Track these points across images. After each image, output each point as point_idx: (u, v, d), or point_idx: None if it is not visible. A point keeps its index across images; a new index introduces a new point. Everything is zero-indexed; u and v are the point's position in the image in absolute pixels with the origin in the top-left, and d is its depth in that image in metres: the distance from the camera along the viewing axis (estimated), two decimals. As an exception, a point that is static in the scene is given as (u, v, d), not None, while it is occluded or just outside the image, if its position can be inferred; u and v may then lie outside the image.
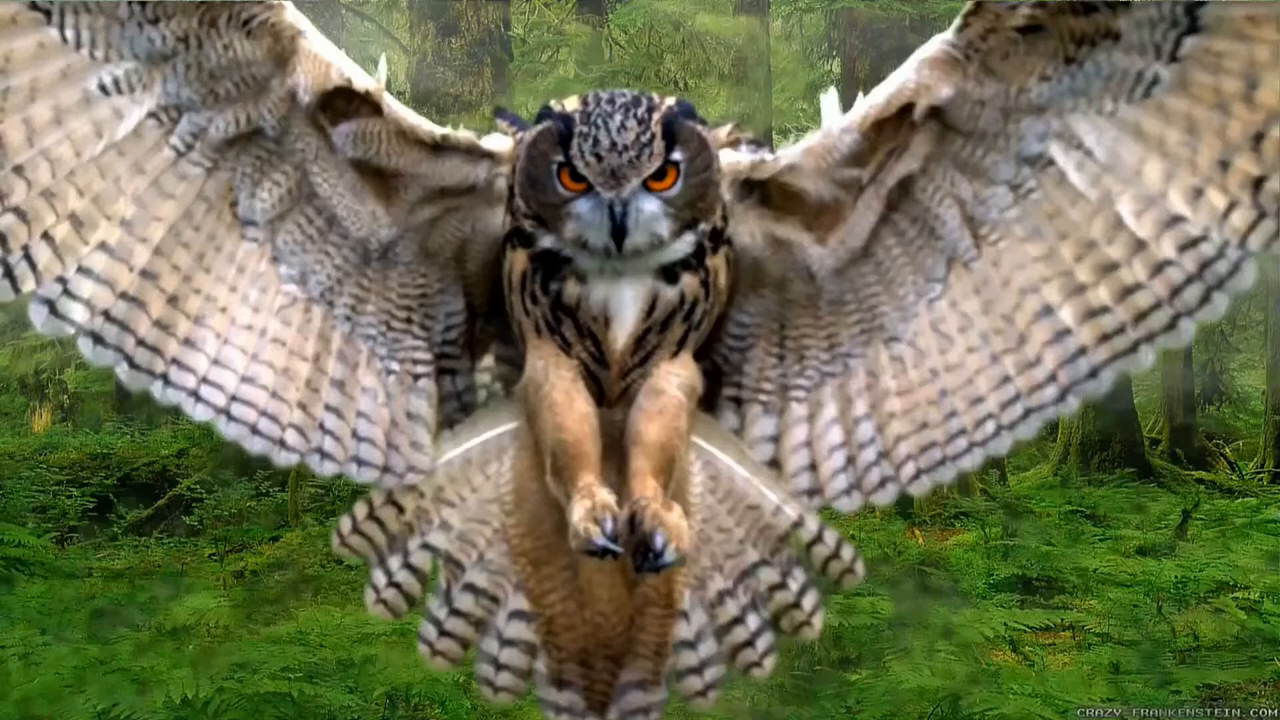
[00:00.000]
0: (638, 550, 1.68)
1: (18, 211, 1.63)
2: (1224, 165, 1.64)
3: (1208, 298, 1.68)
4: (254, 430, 1.78)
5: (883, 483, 1.83)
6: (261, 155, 1.77)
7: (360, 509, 1.87)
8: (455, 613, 1.86)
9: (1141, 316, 1.71)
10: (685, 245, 1.74)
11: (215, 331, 1.76)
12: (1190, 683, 5.61)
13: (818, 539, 1.86)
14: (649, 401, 1.79)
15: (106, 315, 1.70)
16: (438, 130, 1.79)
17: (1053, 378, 1.75)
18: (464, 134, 1.81)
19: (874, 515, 9.58)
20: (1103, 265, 1.71)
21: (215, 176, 1.75)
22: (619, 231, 1.68)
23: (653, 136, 1.66)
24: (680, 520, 1.70)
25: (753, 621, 1.87)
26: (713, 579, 1.87)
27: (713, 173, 1.74)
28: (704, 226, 1.75)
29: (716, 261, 1.79)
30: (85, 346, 1.69)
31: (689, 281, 1.76)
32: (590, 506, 1.69)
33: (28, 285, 1.65)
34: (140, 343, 1.72)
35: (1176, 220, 1.67)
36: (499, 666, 1.88)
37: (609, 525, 1.68)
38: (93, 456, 10.44)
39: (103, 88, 1.67)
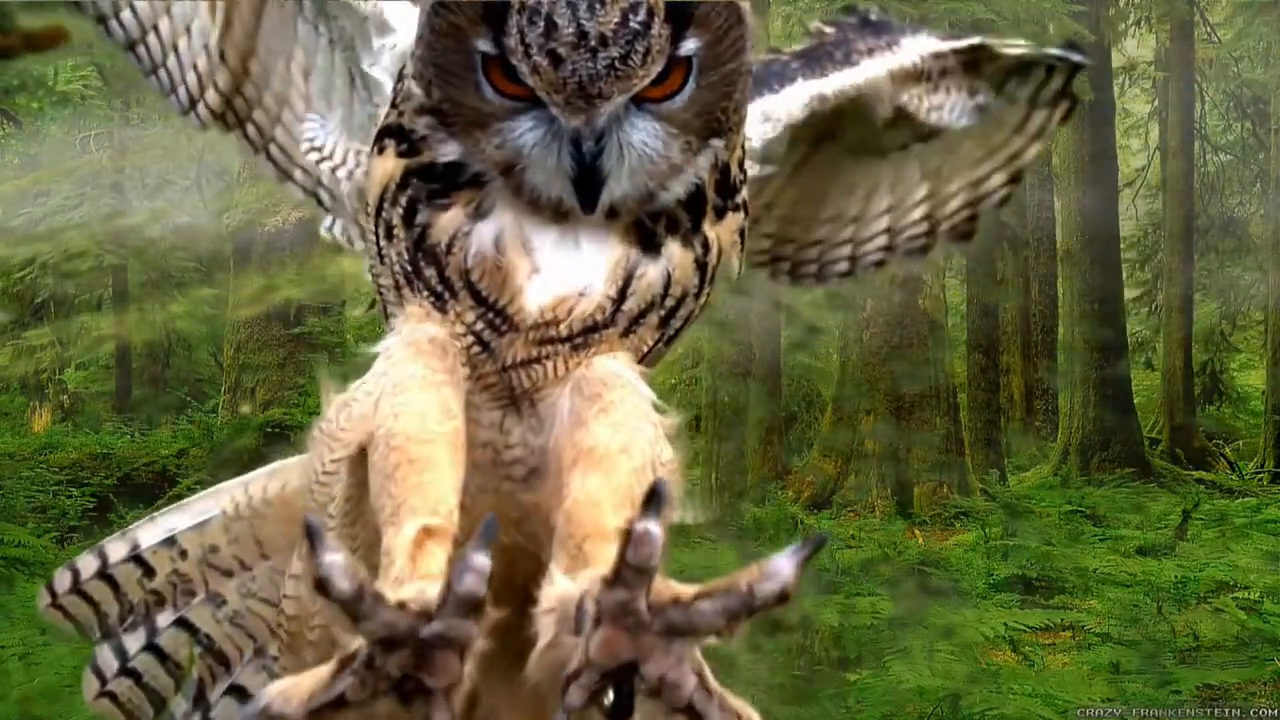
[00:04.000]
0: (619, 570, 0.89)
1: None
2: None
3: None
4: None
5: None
6: None
7: (87, 562, 1.29)
8: None
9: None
10: (692, 176, 1.11)
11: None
12: (1190, 683, 5.62)
13: None
14: (581, 398, 1.08)
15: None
16: None
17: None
18: None
19: (874, 515, 9.59)
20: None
21: None
22: (589, 179, 1.04)
23: (650, 16, 1.00)
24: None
25: None
26: None
27: (742, 63, 1.10)
28: (717, 146, 1.12)
29: (723, 231, 1.15)
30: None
31: (680, 258, 1.11)
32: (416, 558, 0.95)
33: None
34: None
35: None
36: None
37: (473, 564, 0.86)
38: (93, 456, 10.44)
39: None
